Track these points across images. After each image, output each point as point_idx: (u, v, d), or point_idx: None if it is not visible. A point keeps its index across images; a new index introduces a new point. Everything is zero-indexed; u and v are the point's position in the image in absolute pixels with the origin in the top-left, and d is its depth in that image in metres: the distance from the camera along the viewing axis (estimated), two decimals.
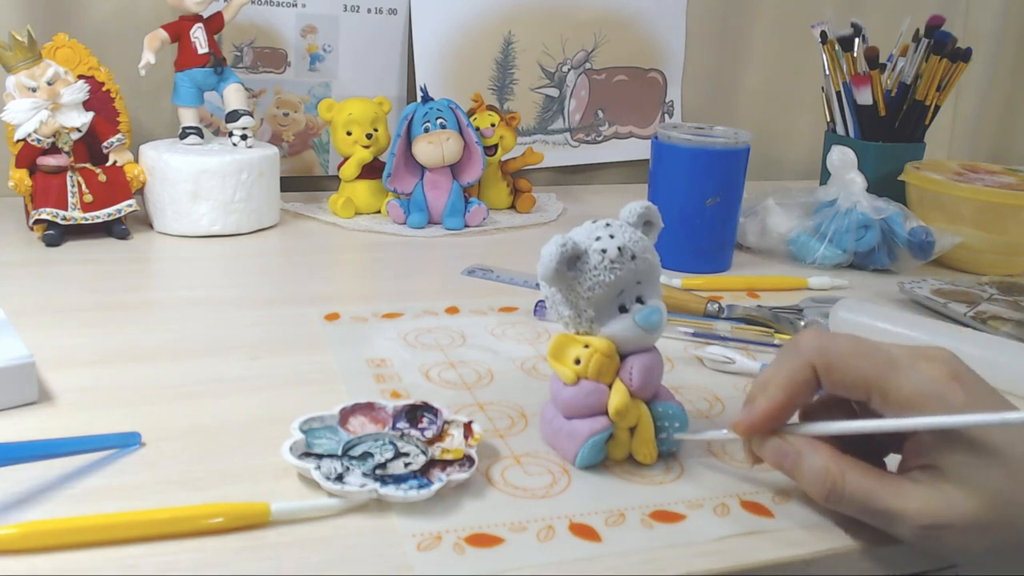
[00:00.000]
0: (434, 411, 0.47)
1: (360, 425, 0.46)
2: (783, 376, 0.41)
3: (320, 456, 0.42)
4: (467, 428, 0.45)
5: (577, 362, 0.43)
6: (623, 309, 0.43)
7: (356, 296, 0.71)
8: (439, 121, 0.85)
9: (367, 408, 0.47)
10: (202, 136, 0.87)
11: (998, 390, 0.39)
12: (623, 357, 0.44)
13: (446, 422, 0.46)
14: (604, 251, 0.42)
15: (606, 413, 0.43)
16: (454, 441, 0.45)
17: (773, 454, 0.41)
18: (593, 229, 0.44)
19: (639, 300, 0.44)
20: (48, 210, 0.75)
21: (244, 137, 0.85)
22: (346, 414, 0.46)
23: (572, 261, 0.42)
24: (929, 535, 0.37)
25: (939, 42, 0.89)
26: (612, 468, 0.45)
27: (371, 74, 1.01)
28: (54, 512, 0.38)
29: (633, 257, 0.43)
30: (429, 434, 0.45)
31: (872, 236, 0.79)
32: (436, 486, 0.40)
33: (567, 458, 0.45)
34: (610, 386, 0.43)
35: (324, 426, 0.45)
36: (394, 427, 0.46)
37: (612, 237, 0.43)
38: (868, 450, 0.41)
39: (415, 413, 0.47)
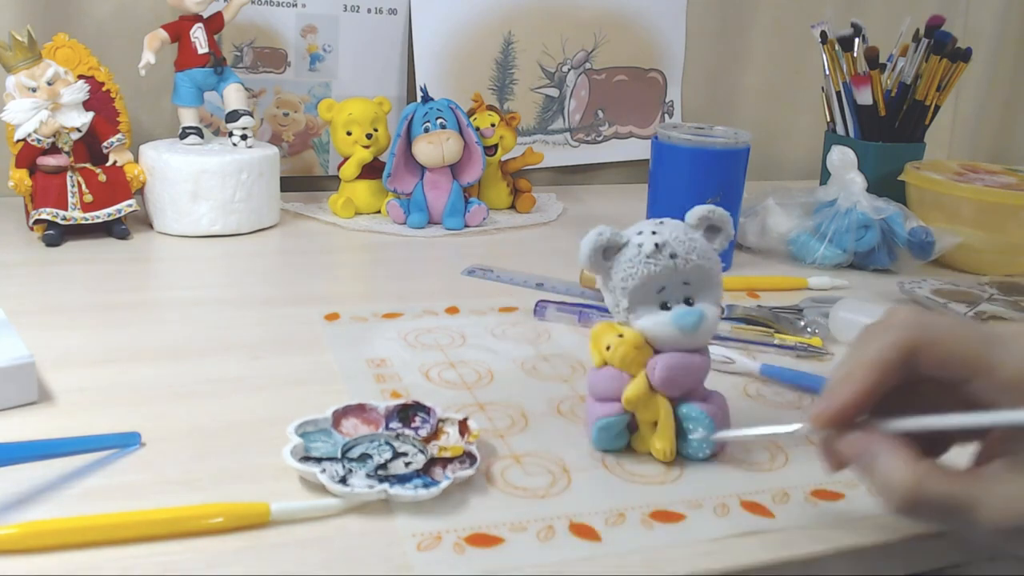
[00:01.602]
0: (427, 410, 0.47)
1: (353, 427, 0.46)
2: (873, 356, 0.36)
3: (320, 460, 0.42)
4: (462, 425, 0.45)
5: (608, 348, 0.44)
6: (666, 307, 0.44)
7: (356, 296, 0.71)
8: (439, 121, 0.85)
9: (358, 410, 0.47)
10: (202, 136, 0.87)
11: None
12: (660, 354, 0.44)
13: (440, 420, 0.46)
14: (640, 245, 0.43)
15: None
16: (450, 439, 0.45)
17: (851, 451, 0.37)
18: (645, 225, 0.45)
19: (687, 301, 0.44)
20: (48, 210, 0.75)
21: (244, 137, 0.85)
22: (338, 416, 0.46)
23: (608, 250, 0.44)
24: (1017, 536, 0.34)
25: (939, 42, 0.89)
26: (612, 468, 0.45)
27: (371, 74, 1.01)
28: (54, 512, 0.38)
29: (673, 256, 0.43)
30: (423, 433, 0.45)
31: (872, 236, 0.79)
32: (444, 484, 0.40)
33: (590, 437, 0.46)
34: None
35: (318, 429, 0.45)
36: (387, 427, 0.46)
37: (654, 233, 0.44)
38: (930, 441, 0.37)
39: (407, 413, 0.47)
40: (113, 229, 0.79)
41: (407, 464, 0.43)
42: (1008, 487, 0.34)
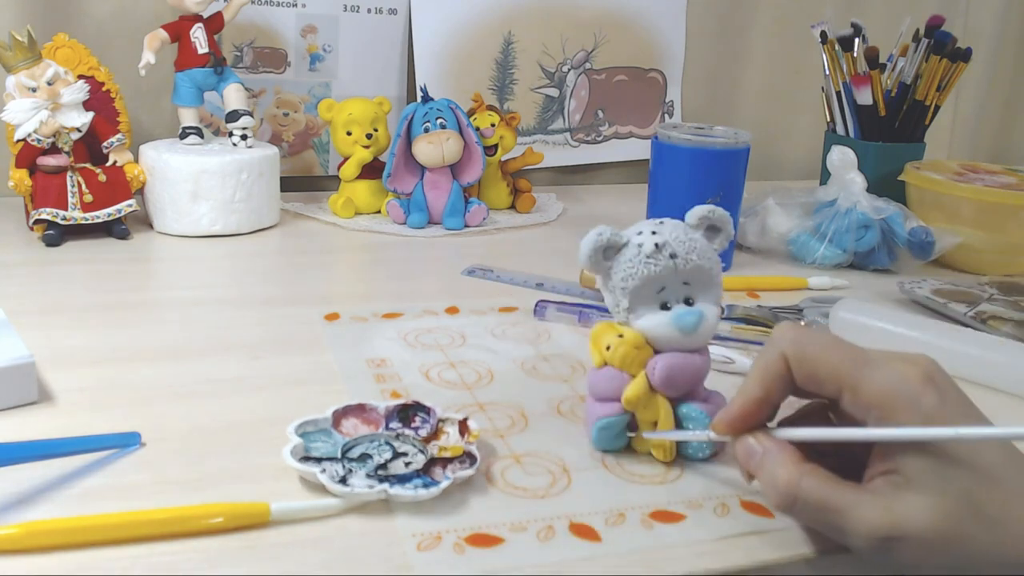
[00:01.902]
0: (426, 410, 0.47)
1: (353, 427, 0.46)
2: (758, 370, 0.40)
3: (320, 460, 0.42)
4: (462, 425, 0.45)
5: (608, 348, 0.44)
6: (666, 307, 0.44)
7: (356, 296, 0.71)
8: (439, 121, 0.85)
9: (358, 410, 0.47)
10: (202, 136, 0.87)
11: (975, 403, 0.38)
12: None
13: (440, 420, 0.46)
14: (640, 245, 0.44)
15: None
16: (450, 439, 0.45)
17: (743, 453, 0.40)
18: (645, 225, 0.45)
19: (687, 301, 0.44)
20: (48, 210, 0.75)
21: (244, 137, 0.85)
22: (338, 416, 0.46)
23: (608, 250, 0.44)
24: (884, 547, 0.35)
25: (939, 42, 0.89)
26: (612, 468, 0.45)
27: (371, 74, 1.01)
28: (54, 512, 0.38)
29: (672, 256, 0.43)
30: (423, 433, 0.45)
31: (872, 236, 0.79)
32: (444, 484, 0.40)
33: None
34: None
35: (318, 429, 0.45)
36: (387, 427, 0.46)
37: (654, 233, 0.44)
38: (850, 466, 0.39)
39: (407, 413, 0.47)
40: (113, 229, 0.79)
41: (407, 464, 0.43)
42: (880, 499, 0.36)
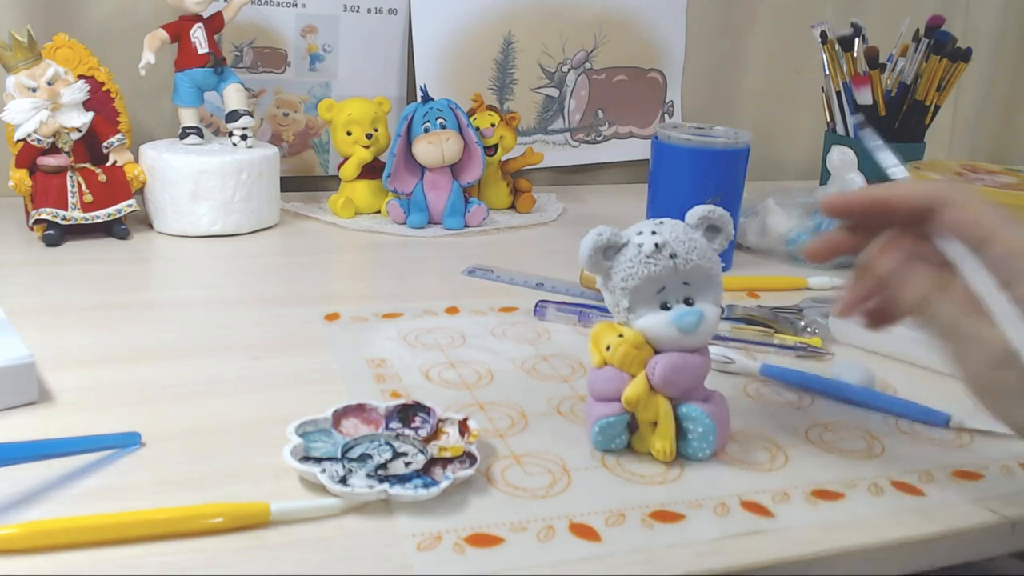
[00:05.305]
0: (427, 410, 0.47)
1: (353, 427, 0.46)
2: (904, 184, 0.42)
3: (320, 460, 0.42)
4: (462, 425, 0.45)
5: (608, 348, 0.44)
6: (666, 307, 0.44)
7: (356, 296, 0.71)
8: (439, 121, 0.85)
9: (358, 410, 0.47)
10: (202, 136, 0.87)
11: None
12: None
13: (440, 420, 0.46)
14: (640, 245, 0.44)
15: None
16: (450, 439, 0.45)
17: (881, 255, 0.41)
18: (645, 225, 0.45)
19: (687, 301, 0.44)
20: (48, 210, 0.75)
21: (244, 137, 0.85)
22: (338, 416, 0.46)
23: (608, 250, 0.44)
24: (1004, 367, 0.36)
25: (939, 42, 0.89)
26: (612, 468, 0.45)
27: (371, 74, 1.01)
28: (54, 512, 0.38)
29: (673, 256, 0.43)
30: (423, 433, 0.45)
31: None
32: (444, 484, 0.40)
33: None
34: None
35: (318, 429, 0.45)
36: (387, 427, 0.46)
37: (654, 233, 0.44)
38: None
39: (407, 413, 0.47)
40: (113, 229, 0.79)
41: (407, 464, 0.43)
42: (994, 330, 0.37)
